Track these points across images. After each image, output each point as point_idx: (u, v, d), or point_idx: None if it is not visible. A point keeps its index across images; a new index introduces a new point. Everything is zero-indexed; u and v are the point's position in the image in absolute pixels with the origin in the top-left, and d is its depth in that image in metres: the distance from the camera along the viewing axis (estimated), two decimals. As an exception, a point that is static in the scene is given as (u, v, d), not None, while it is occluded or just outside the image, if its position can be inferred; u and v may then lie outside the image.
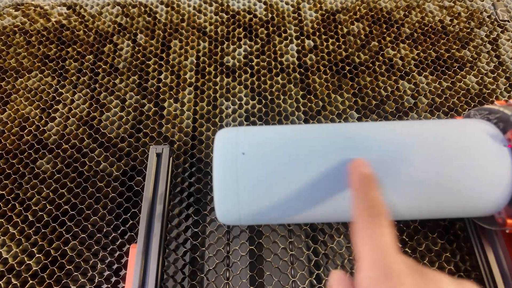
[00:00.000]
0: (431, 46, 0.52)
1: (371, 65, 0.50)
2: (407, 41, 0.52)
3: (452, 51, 0.52)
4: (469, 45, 0.52)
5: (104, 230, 0.39)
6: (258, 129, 0.27)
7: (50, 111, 0.46)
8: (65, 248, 0.38)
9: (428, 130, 0.27)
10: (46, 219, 0.39)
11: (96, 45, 0.52)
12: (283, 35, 0.52)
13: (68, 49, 0.51)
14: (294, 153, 0.25)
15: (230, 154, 0.25)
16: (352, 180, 0.23)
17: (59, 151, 0.43)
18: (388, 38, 0.53)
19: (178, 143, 0.44)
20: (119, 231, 0.39)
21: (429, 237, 0.39)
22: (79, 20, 0.54)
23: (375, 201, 0.21)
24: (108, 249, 0.38)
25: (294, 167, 0.24)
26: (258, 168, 0.24)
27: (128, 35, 0.53)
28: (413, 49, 0.52)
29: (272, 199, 0.25)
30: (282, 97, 0.47)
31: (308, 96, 0.47)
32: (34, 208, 0.40)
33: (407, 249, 0.38)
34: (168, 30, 0.53)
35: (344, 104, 0.47)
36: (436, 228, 0.39)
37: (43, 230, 0.39)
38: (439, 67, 0.50)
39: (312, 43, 0.52)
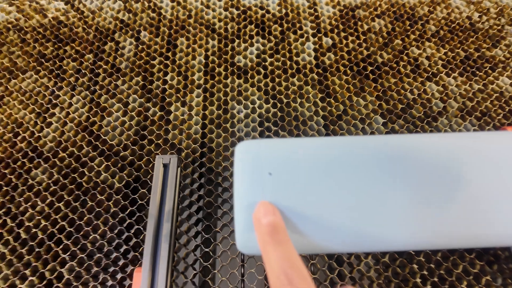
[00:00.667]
0: (459, 45, 0.48)
1: (395, 65, 0.46)
2: (433, 39, 0.48)
3: (482, 50, 0.47)
4: (501, 43, 0.48)
5: (105, 249, 0.35)
6: (284, 142, 0.23)
7: (46, 115, 0.42)
8: (62, 269, 0.34)
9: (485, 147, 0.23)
10: (41, 236, 0.35)
11: (96, 44, 0.48)
12: (299, 32, 0.48)
13: (66, 48, 0.47)
14: (336, 173, 0.21)
15: (255, 174, 0.21)
16: (257, 236, 0.19)
17: (55, 160, 0.39)
18: (412, 36, 0.49)
19: (186, 151, 0.40)
20: (121, 250, 0.35)
21: (466, 258, 0.35)
22: (78, 16, 0.50)
23: (293, 269, 0.18)
24: (110, 271, 0.34)
25: (334, 189, 0.21)
26: (290, 191, 0.21)
27: (130, 32, 0.49)
28: (440, 48, 0.48)
29: (308, 229, 0.21)
30: (299, 100, 0.43)
31: (328, 99, 0.43)
32: (27, 224, 0.36)
33: (441, 271, 0.34)
34: (174, 27, 0.49)
35: (367, 108, 0.43)
36: (474, 248, 0.35)
37: (37, 249, 0.35)
38: (469, 68, 0.46)
39: (330, 41, 0.48)
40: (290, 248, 0.19)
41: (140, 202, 0.37)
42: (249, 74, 0.45)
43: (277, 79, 0.45)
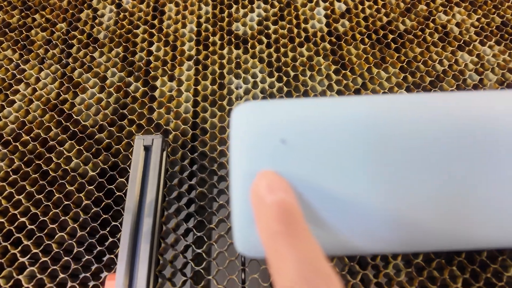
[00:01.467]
0: (493, 10, 0.41)
1: (420, 33, 0.39)
2: (463, 4, 0.41)
3: (521, 15, 0.41)
4: (541, 8, 0.42)
5: (75, 251, 0.29)
6: (301, 102, 0.17)
7: (8, 92, 0.36)
8: (19, 276, 0.28)
9: None
10: (-4, 236, 0.29)
11: (71, 11, 0.41)
12: (307, -4, 0.41)
13: (35, 16, 0.41)
14: (383, 144, 0.14)
15: (262, 144, 0.14)
16: (259, 223, 0.13)
17: (17, 144, 0.33)
18: (438, 1, 0.42)
19: (174, 132, 0.33)
20: (94, 253, 0.29)
21: (518, 259, 0.28)
22: (51, -19, 0.43)
23: (319, 277, 0.11)
24: (80, 277, 0.28)
25: (379, 165, 0.14)
26: (313, 165, 0.14)
27: (111, -2, 0.42)
28: (471, 13, 0.41)
29: (340, 219, 0.14)
30: (308, 73, 0.36)
31: (343, 72, 0.36)
32: (-21, 221, 0.29)
33: (488, 275, 0.27)
34: (162, -8, 0.42)
35: (390, 81, 0.36)
36: (527, 246, 0.29)
37: (-10, 252, 0.28)
38: (507, 35, 0.39)
39: (343, 6, 0.41)
40: (311, 242, 0.12)
41: (117, 193, 0.30)
42: (249, 44, 0.38)
43: (282, 49, 0.38)
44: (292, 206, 0.12)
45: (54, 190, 0.31)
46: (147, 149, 0.29)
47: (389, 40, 0.38)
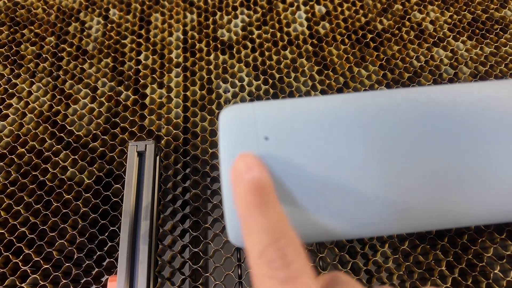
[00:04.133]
0: (464, 7, 0.43)
1: (397, 31, 0.41)
2: (436, 3, 0.43)
3: (491, 11, 0.43)
4: (509, 3, 0.44)
5: (75, 257, 0.29)
6: (279, 103, 0.18)
7: (1, 107, 0.36)
8: (23, 285, 0.28)
9: None
10: (-4, 247, 0.30)
11: (59, 25, 0.42)
12: (288, 1, 0.43)
13: (24, 31, 0.41)
14: (352, 131, 0.16)
15: (246, 141, 0.16)
16: (236, 197, 0.15)
17: (12, 157, 0.33)
18: (413, 0, 0.44)
19: (166, 138, 0.34)
20: (94, 257, 0.30)
21: (497, 239, 0.30)
22: (37, -4, 0.44)
23: (286, 240, 0.13)
24: (81, 282, 0.29)
25: (351, 152, 0.15)
26: (294, 156, 0.15)
27: (98, 10, 0.43)
28: (444, 11, 0.43)
29: (318, 207, 0.16)
30: (293, 74, 0.38)
31: (326, 72, 0.38)
32: (-21, 233, 0.30)
33: (470, 256, 0.29)
34: (147, 3, 0.43)
35: (371, 78, 0.38)
36: (505, 227, 0.31)
37: (-8, 263, 0.29)
38: (477, 31, 0.41)
39: (323, 9, 0.43)
40: (280, 212, 0.14)
41: (114, 199, 0.31)
42: (234, 49, 0.40)
43: (267, 53, 0.39)
44: (265, 182, 0.14)
45: (52, 200, 0.31)
46: (141, 155, 0.30)
47: (368, 40, 0.40)
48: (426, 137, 0.17)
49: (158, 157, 0.32)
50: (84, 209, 0.31)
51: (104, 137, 0.34)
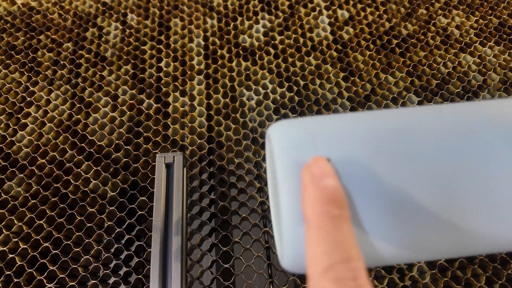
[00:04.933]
0: (490, 11, 0.42)
1: (422, 37, 0.40)
2: (461, 7, 0.43)
3: (517, 15, 0.42)
4: (535, 7, 0.43)
5: (101, 273, 0.28)
6: (333, 119, 0.17)
7: (19, 116, 0.35)
8: (48, 303, 0.27)
9: None
10: (20, 263, 0.29)
11: (76, 30, 0.41)
12: (309, 5, 0.42)
13: (40, 37, 0.40)
14: (425, 154, 0.15)
15: (305, 157, 0.15)
16: (308, 201, 0.13)
17: (33, 168, 0.32)
18: (437, 5, 0.43)
19: (190, 148, 0.33)
20: (121, 273, 0.29)
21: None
22: (53, 1, 0.43)
23: (360, 263, 0.12)
24: (108, 300, 0.28)
25: (419, 172, 0.15)
26: (356, 182, 0.14)
27: (115, 16, 0.42)
28: (470, 15, 0.42)
29: (384, 231, 0.15)
30: (318, 81, 0.37)
31: (352, 78, 0.37)
32: (1, 249, 0.29)
33: (510, 271, 0.28)
34: (166, 7, 0.42)
35: (398, 85, 0.37)
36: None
37: (15, 280, 0.28)
38: (505, 36, 0.40)
39: (346, 14, 0.42)
40: (353, 231, 0.13)
41: (140, 212, 0.30)
42: (257, 55, 0.39)
43: (290, 59, 0.38)
44: (342, 194, 0.13)
45: (75, 213, 0.30)
46: (168, 166, 0.29)
47: (393, 45, 0.39)
48: (490, 157, 0.16)
49: (185, 169, 0.31)
50: (109, 223, 0.30)
51: (127, 147, 0.33)
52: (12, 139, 0.34)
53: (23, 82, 0.37)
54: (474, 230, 0.16)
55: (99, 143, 0.34)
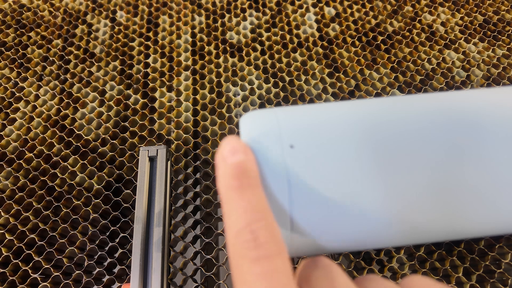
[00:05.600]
0: (475, 8, 0.43)
1: (408, 33, 0.41)
2: (446, 4, 0.43)
3: (502, 12, 0.42)
4: (520, 4, 0.43)
5: (86, 264, 0.29)
6: (302, 109, 0.18)
7: (8, 111, 0.36)
8: (33, 293, 0.28)
9: None
10: (5, 254, 0.29)
11: (66, 27, 0.41)
12: (297, 3, 0.43)
13: (30, 34, 0.41)
14: (390, 138, 0.15)
15: (272, 150, 0.15)
16: (219, 180, 0.15)
17: (21, 161, 0.33)
18: (423, 2, 0.43)
19: (176, 142, 0.34)
20: (105, 264, 0.29)
21: (514, 245, 0.30)
22: (43, -2, 0.44)
23: (261, 223, 0.13)
24: (92, 290, 0.28)
25: (387, 160, 0.15)
26: (322, 167, 0.15)
27: (105, 13, 0.42)
28: (455, 12, 0.42)
29: (348, 217, 0.15)
30: (303, 77, 0.38)
31: (337, 74, 0.37)
32: (-12, 240, 0.30)
33: (487, 263, 0.29)
34: (155, 5, 0.43)
35: (382, 81, 0.37)
36: (522, 233, 0.30)
37: (1, 270, 0.28)
38: (489, 32, 0.41)
39: (333, 11, 0.42)
40: (260, 195, 0.14)
41: (124, 205, 0.31)
42: (244, 52, 0.39)
43: (276, 55, 0.39)
44: (249, 165, 0.14)
45: (61, 205, 0.31)
46: (152, 160, 0.30)
47: (378, 42, 0.40)
48: (436, 147, 0.16)
49: (169, 162, 0.31)
50: (94, 215, 0.31)
51: (114, 141, 0.34)
52: (1, 133, 0.34)
53: (12, 78, 0.38)
54: (458, 210, 0.16)
55: (86, 137, 0.34)
